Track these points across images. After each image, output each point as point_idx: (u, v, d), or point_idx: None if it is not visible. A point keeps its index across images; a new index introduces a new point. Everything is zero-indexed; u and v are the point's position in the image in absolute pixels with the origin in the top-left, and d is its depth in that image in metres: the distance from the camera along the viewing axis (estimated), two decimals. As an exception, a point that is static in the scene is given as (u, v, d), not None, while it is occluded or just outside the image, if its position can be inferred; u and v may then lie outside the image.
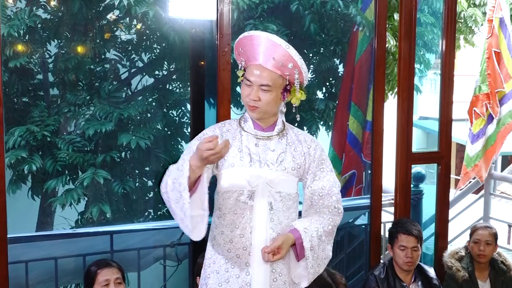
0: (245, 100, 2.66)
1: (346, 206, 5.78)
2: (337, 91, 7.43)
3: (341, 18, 7.46)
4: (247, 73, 2.64)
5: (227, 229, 2.66)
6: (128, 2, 6.05)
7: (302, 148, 2.78)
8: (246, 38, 2.64)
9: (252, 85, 2.62)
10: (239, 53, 2.69)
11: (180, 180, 2.44)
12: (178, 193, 2.44)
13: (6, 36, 5.98)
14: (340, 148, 6.25)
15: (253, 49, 2.61)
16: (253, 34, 2.62)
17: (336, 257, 6.14)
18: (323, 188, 2.80)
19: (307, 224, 2.71)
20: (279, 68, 2.61)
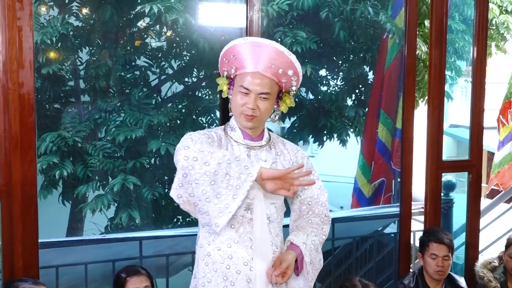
0: (241, 109, 2.52)
1: (375, 214, 5.82)
2: (367, 99, 7.40)
3: (370, 25, 7.44)
4: (242, 81, 2.51)
5: (225, 244, 2.50)
6: (158, 10, 6.10)
7: (290, 157, 2.70)
8: (245, 45, 2.51)
9: (250, 93, 2.50)
10: (230, 60, 2.54)
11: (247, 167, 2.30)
12: (236, 178, 2.28)
13: (39, 43, 6.07)
14: (369, 155, 6.21)
15: (252, 56, 2.50)
16: (255, 41, 2.52)
17: (365, 265, 6.10)
18: (311, 196, 2.71)
19: (305, 238, 2.60)
20: (277, 75, 2.53)
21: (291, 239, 2.59)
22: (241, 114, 2.53)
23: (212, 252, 2.52)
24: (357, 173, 6.36)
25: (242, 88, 2.51)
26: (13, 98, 3.08)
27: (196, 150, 2.31)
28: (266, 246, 2.53)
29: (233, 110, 2.56)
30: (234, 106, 2.55)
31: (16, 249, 3.15)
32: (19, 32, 3.07)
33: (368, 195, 6.18)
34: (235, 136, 2.60)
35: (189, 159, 2.30)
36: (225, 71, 2.58)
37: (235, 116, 2.57)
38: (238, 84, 2.52)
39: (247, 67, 2.51)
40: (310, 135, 8.05)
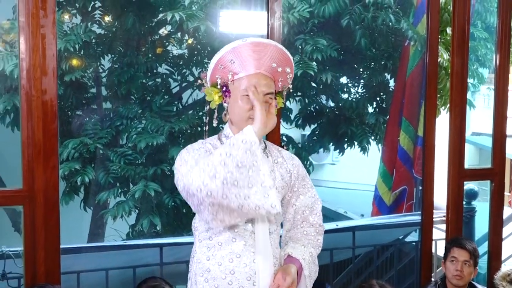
0: (248, 114, 2.37)
1: (396, 222, 5.78)
2: (388, 106, 7.38)
3: (392, 33, 7.41)
4: (245, 84, 2.38)
5: (226, 259, 2.40)
6: (180, 18, 6.13)
7: (286, 165, 2.59)
8: (245, 47, 2.36)
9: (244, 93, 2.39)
10: (226, 66, 2.39)
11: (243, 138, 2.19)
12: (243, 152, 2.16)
13: (62, 51, 6.13)
14: (390, 163, 6.18)
15: (254, 58, 2.38)
16: (255, 41, 2.37)
17: (386, 274, 6.06)
18: (306, 205, 2.64)
19: (303, 251, 2.55)
20: (275, 74, 2.44)
21: (290, 252, 2.53)
22: (248, 119, 2.38)
23: (213, 267, 2.42)
24: (378, 181, 6.33)
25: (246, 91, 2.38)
26: (37, 105, 3.11)
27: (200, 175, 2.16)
28: (268, 259, 2.45)
29: (237, 117, 2.42)
30: (238, 112, 2.41)
31: (39, 254, 3.18)
32: (42, 39, 3.10)
33: (389, 203, 6.14)
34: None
35: (202, 189, 2.16)
36: (217, 78, 2.42)
37: (238, 122, 2.42)
38: (242, 88, 2.38)
39: (249, 69, 2.39)
40: (331, 143, 8.03)
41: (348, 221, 7.50)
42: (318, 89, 7.80)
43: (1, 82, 6.35)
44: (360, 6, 7.03)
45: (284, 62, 2.44)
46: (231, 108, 2.44)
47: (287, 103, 7.71)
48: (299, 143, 8.23)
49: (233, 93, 2.41)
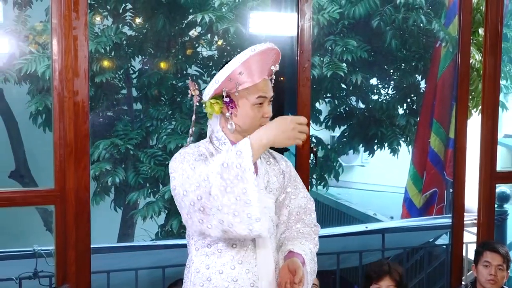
0: (260, 121, 2.30)
1: (426, 225, 5.73)
2: (419, 108, 7.32)
3: (423, 34, 7.35)
4: (256, 92, 2.28)
5: (227, 267, 2.28)
6: (210, 19, 6.16)
7: (279, 166, 2.51)
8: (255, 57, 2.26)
9: (265, 100, 2.31)
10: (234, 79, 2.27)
11: (239, 161, 2.04)
12: (234, 177, 2.04)
13: (94, 52, 6.19)
14: (421, 165, 6.14)
15: (261, 65, 2.30)
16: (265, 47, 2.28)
17: (416, 277, 6.02)
18: (300, 206, 2.53)
19: (303, 247, 2.45)
20: (270, 74, 2.37)
21: (290, 248, 2.42)
22: (259, 126, 2.25)
23: (213, 276, 2.29)
24: (408, 183, 6.29)
25: (260, 99, 2.29)
26: (68, 106, 3.14)
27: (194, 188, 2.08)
28: (269, 263, 2.36)
29: (247, 126, 2.30)
30: (248, 121, 2.30)
31: (69, 254, 3.21)
32: (74, 41, 3.14)
33: (419, 205, 6.10)
34: (225, 149, 2.29)
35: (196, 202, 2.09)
36: (223, 91, 2.29)
37: (249, 130, 2.27)
38: (253, 97, 2.28)
39: (258, 77, 2.30)
40: (361, 144, 7.99)
41: (377, 223, 7.46)
42: (348, 91, 7.78)
43: (34, 83, 6.44)
44: (391, 7, 6.98)
45: (278, 61, 2.39)
46: (239, 118, 2.31)
47: (316, 104, 7.70)
48: (328, 145, 8.21)
49: (242, 103, 2.29)
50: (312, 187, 7.56)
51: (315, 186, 7.71)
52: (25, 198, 3.28)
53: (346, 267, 5.88)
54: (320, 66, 6.85)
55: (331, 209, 10.59)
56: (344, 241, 5.52)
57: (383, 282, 3.43)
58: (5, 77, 6.14)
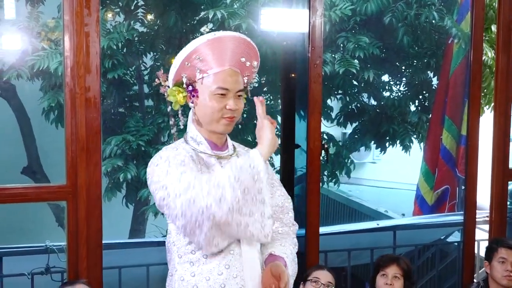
0: (220, 113, 2.23)
1: (438, 222, 5.72)
2: (431, 104, 7.30)
3: (435, 30, 7.32)
4: (217, 82, 2.22)
5: (214, 273, 2.20)
6: (221, 15, 6.16)
7: None
8: (213, 42, 2.21)
9: (228, 93, 2.24)
10: (192, 63, 2.21)
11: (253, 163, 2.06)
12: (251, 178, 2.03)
13: (105, 49, 6.21)
14: (433, 162, 6.12)
15: (223, 53, 2.23)
16: (223, 35, 2.23)
17: (427, 274, 6.00)
18: (277, 205, 2.46)
19: (283, 249, 2.40)
20: (243, 69, 2.31)
21: (272, 251, 2.36)
22: (220, 119, 2.24)
23: (200, 283, 2.20)
24: (420, 180, 6.28)
25: (220, 90, 2.22)
26: (80, 102, 3.16)
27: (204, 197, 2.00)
28: (255, 265, 2.29)
29: (207, 118, 2.25)
30: (209, 112, 2.24)
31: (81, 249, 3.22)
32: (86, 37, 3.15)
33: (431, 202, 6.08)
34: (202, 149, 2.29)
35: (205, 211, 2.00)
36: (183, 77, 2.24)
37: (208, 123, 2.26)
38: (213, 86, 2.22)
39: (219, 65, 2.23)
40: (372, 141, 7.97)
41: (389, 220, 7.44)
42: (360, 87, 7.76)
43: (46, 79, 6.46)
44: (403, 4, 6.96)
45: (252, 55, 2.33)
46: (200, 108, 2.26)
47: (328, 101, 7.68)
48: (340, 141, 8.19)
49: (202, 92, 2.24)
50: (323, 184, 7.55)
51: (326, 183, 7.70)
52: (38, 194, 3.30)
53: (357, 264, 5.87)
54: (332, 62, 6.84)
55: (342, 206, 10.57)
56: (355, 238, 5.52)
57: (389, 269, 3.42)
58: (18, 74, 6.16)
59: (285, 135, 3.96)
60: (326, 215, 10.78)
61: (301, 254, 3.83)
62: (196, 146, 2.29)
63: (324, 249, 4.39)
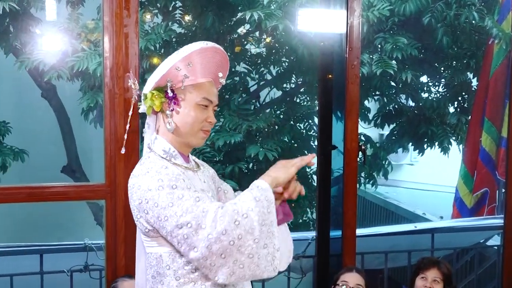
0: (201, 125, 2.16)
1: (477, 225, 5.64)
2: (470, 106, 7.20)
3: (475, 31, 7.22)
4: (202, 92, 2.16)
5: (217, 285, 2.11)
6: (258, 17, 6.16)
7: (209, 172, 2.35)
8: (207, 51, 2.17)
9: (210, 105, 2.18)
10: (182, 69, 2.12)
11: (265, 195, 2.04)
12: (266, 211, 2.01)
13: (144, 50, 6.26)
14: (472, 165, 6.05)
15: (211, 64, 2.19)
16: (215, 46, 2.19)
17: (466, 278, 5.92)
18: (234, 195, 2.40)
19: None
20: (216, 82, 2.25)
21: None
22: (199, 131, 2.17)
23: None
24: (459, 182, 6.21)
25: (205, 101, 2.16)
26: (119, 102, 3.19)
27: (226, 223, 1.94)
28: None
29: (187, 128, 2.15)
30: (190, 122, 2.15)
31: (119, 248, 3.26)
32: (125, 38, 3.18)
33: (470, 205, 6.01)
34: (179, 162, 2.15)
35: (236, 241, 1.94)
36: (168, 82, 2.13)
37: (186, 134, 2.16)
38: (198, 97, 2.15)
39: (204, 75, 2.17)
40: (410, 143, 7.90)
41: (426, 223, 7.36)
42: (398, 88, 7.69)
43: (85, 80, 6.55)
44: (442, 4, 6.87)
45: (226, 71, 2.28)
46: (179, 117, 2.14)
47: (365, 102, 7.64)
48: (377, 143, 8.14)
49: (186, 101, 2.14)
50: (361, 186, 7.51)
51: (363, 184, 7.66)
52: (77, 193, 3.35)
53: (394, 267, 5.83)
54: (369, 63, 6.80)
55: (379, 208, 10.50)
56: (392, 241, 5.47)
57: (429, 272, 3.37)
58: (58, 74, 6.25)
59: (322, 136, 3.95)
60: (363, 217, 10.72)
61: (337, 256, 3.84)
62: (174, 160, 2.14)
63: (361, 251, 4.37)
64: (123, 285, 3.01)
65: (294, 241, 2.42)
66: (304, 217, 7.63)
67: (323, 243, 3.93)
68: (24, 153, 6.68)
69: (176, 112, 2.15)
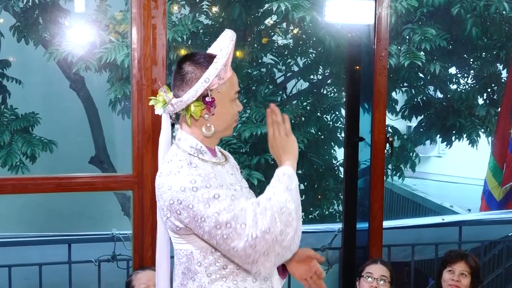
0: (234, 117, 2.15)
1: (505, 218, 5.57)
2: (500, 98, 7.12)
3: (506, 22, 7.13)
4: (233, 87, 2.12)
5: (249, 280, 2.12)
6: (286, 8, 6.15)
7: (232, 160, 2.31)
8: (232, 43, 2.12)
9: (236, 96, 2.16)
10: (224, 68, 2.07)
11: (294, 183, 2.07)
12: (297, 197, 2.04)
13: (171, 41, 6.28)
14: (501, 157, 5.97)
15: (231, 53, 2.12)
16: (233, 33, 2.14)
17: (494, 271, 5.87)
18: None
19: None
20: None
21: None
22: (233, 123, 2.16)
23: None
24: (487, 175, 6.14)
25: (236, 94, 2.14)
26: (147, 93, 3.20)
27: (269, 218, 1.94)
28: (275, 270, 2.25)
29: (225, 124, 2.13)
30: (229, 118, 2.13)
31: (146, 238, 3.28)
32: (153, 30, 3.19)
33: (499, 198, 5.94)
34: (208, 158, 2.11)
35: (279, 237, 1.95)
36: (208, 89, 2.05)
37: (223, 130, 2.14)
38: (231, 92, 2.12)
39: (230, 68, 2.12)
40: (438, 135, 7.84)
41: (454, 215, 7.30)
42: (426, 80, 7.64)
43: (113, 71, 6.60)
44: (472, -6, 6.80)
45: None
46: (218, 117, 2.10)
47: (393, 93, 7.59)
48: (405, 135, 8.09)
49: (221, 100, 2.09)
50: (388, 178, 7.48)
51: (390, 176, 7.62)
52: (105, 183, 3.37)
53: (421, 259, 5.79)
54: (397, 55, 6.75)
55: (406, 200, 10.45)
56: (419, 233, 5.44)
57: (457, 265, 3.33)
58: (86, 66, 6.31)
59: (349, 128, 3.93)
60: (390, 209, 10.67)
61: (364, 248, 3.82)
62: (202, 156, 2.10)
63: (387, 243, 4.35)
64: (137, 277, 3.04)
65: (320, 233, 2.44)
66: (330, 209, 7.62)
67: (350, 235, 3.92)
68: (52, 143, 6.76)
69: (215, 115, 2.09)
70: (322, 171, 7.23)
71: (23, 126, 6.74)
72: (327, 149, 7.41)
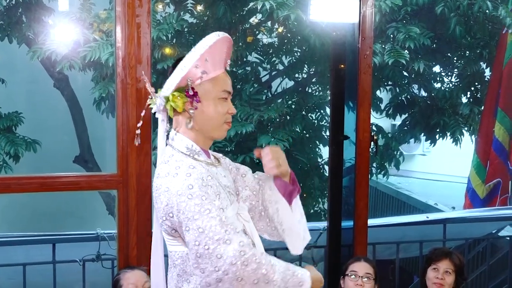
0: (223, 118, 2.13)
1: (489, 216, 5.62)
2: (483, 96, 7.16)
3: (489, 20, 7.17)
4: (221, 85, 2.13)
5: None
6: (270, 6, 6.14)
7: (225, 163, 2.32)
8: (220, 42, 2.13)
9: (229, 96, 2.15)
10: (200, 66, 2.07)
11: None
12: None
13: (155, 40, 6.26)
14: (484, 155, 6.03)
15: (225, 54, 2.16)
16: (226, 35, 2.15)
17: (477, 269, 5.91)
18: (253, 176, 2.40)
19: None
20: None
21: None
22: (223, 124, 2.15)
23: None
24: (471, 173, 6.19)
25: (225, 93, 2.13)
26: (131, 92, 3.19)
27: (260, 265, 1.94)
28: None
29: (210, 122, 2.12)
30: (214, 117, 2.12)
31: (131, 238, 3.27)
32: (137, 28, 3.18)
33: (483, 196, 5.99)
34: (203, 159, 2.12)
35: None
36: (188, 81, 2.07)
37: (211, 130, 2.14)
38: (218, 90, 2.12)
39: (219, 67, 2.14)
40: (422, 133, 7.88)
41: (438, 213, 7.34)
42: (410, 78, 7.66)
43: (97, 70, 6.56)
44: (455, -7, 6.83)
45: (230, 54, 2.23)
46: (201, 115, 2.11)
47: (377, 92, 7.61)
48: (389, 133, 8.12)
49: (205, 97, 2.10)
50: (372, 176, 7.50)
51: (375, 174, 7.65)
52: (89, 183, 3.36)
53: (406, 257, 5.81)
54: (382, 53, 6.76)
55: (391, 198, 10.49)
56: (404, 231, 5.47)
57: (441, 263, 3.35)
58: (70, 64, 6.26)
59: (334, 126, 3.94)
60: (375, 207, 10.71)
61: (349, 246, 3.84)
62: (197, 157, 2.11)
63: (372, 242, 4.36)
64: (126, 277, 3.02)
65: (306, 232, 2.44)
66: (315, 207, 7.63)
67: (335, 234, 3.94)
68: (36, 143, 6.71)
69: (198, 111, 2.10)
70: (307, 170, 7.24)
71: (6, 125, 6.69)
72: (312, 148, 7.42)
